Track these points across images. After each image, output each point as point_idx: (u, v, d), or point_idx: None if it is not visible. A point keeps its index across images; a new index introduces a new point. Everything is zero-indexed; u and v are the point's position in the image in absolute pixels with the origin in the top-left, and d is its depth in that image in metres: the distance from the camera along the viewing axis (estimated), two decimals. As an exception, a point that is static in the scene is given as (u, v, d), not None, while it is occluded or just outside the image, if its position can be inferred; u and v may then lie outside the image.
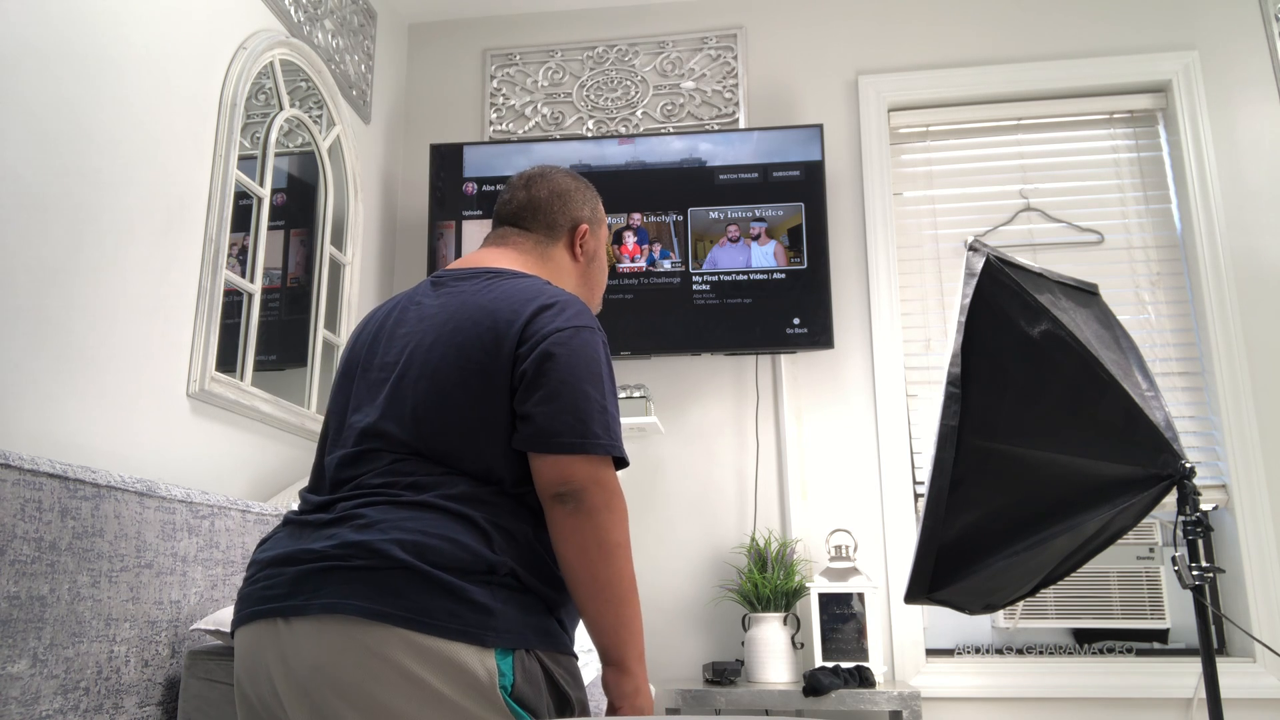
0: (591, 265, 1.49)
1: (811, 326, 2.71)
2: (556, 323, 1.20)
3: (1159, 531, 2.63)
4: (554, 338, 1.18)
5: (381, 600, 1.03)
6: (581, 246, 1.46)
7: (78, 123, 1.70)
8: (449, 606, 1.04)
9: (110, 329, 1.77)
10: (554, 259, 1.44)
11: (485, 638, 1.05)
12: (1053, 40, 2.96)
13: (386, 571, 1.05)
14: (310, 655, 1.04)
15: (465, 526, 1.10)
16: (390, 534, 1.07)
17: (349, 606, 1.03)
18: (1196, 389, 2.71)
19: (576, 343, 1.19)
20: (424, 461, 1.16)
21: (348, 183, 2.75)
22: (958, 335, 1.67)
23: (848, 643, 2.44)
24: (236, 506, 1.87)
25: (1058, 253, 2.85)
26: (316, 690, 1.03)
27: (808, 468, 2.78)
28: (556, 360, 1.17)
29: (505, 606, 1.08)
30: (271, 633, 1.08)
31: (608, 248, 1.55)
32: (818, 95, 3.04)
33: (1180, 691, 2.47)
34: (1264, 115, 2.81)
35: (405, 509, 1.11)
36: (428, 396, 1.18)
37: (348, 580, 1.05)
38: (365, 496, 1.14)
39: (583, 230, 1.46)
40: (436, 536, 1.08)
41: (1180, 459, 1.61)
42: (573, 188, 1.48)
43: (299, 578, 1.08)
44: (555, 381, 1.16)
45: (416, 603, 1.04)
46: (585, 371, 1.18)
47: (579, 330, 1.21)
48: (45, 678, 1.36)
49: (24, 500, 1.33)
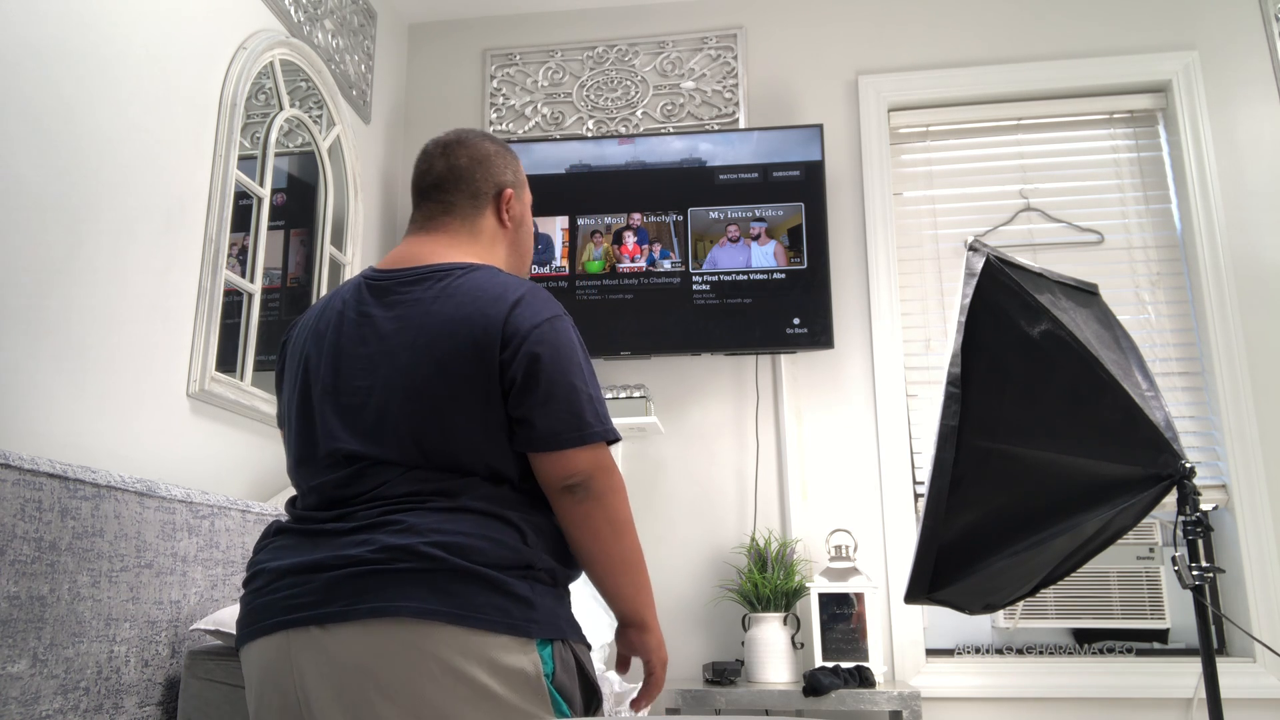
0: (520, 231, 1.46)
1: (811, 326, 2.71)
2: (531, 319, 1.21)
3: (1159, 531, 2.63)
4: (533, 336, 1.20)
5: (431, 599, 1.06)
6: (508, 212, 1.42)
7: (77, 123, 1.70)
8: (495, 601, 1.09)
9: (110, 329, 1.77)
10: (483, 231, 1.40)
11: (530, 629, 1.10)
12: (1052, 40, 2.96)
13: (433, 573, 1.08)
14: (355, 658, 1.04)
15: (501, 525, 1.15)
16: (431, 537, 1.10)
17: (400, 609, 1.05)
18: (1196, 389, 2.71)
19: (554, 336, 1.21)
20: (437, 471, 1.18)
21: (348, 183, 2.75)
22: (958, 335, 1.67)
23: (848, 643, 2.44)
24: (236, 506, 1.87)
25: (1058, 253, 2.85)
26: (358, 691, 1.04)
27: (808, 468, 2.78)
28: (542, 360, 1.19)
29: (542, 599, 1.14)
30: (304, 641, 1.07)
31: (529, 212, 1.51)
32: (817, 95, 3.04)
33: (1180, 691, 2.47)
34: (1264, 115, 2.81)
35: (440, 514, 1.13)
36: (423, 419, 1.18)
37: (393, 583, 1.07)
38: (393, 504, 1.15)
39: (508, 195, 1.42)
40: (477, 537, 1.11)
41: (1180, 459, 1.61)
42: (493, 151, 1.43)
43: (333, 584, 1.08)
44: (545, 382, 1.18)
45: (464, 600, 1.07)
46: (568, 364, 1.21)
47: (552, 321, 1.23)
48: (45, 678, 1.36)
49: (24, 500, 1.33)
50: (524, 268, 1.50)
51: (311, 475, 1.23)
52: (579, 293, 2.82)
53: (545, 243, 2.88)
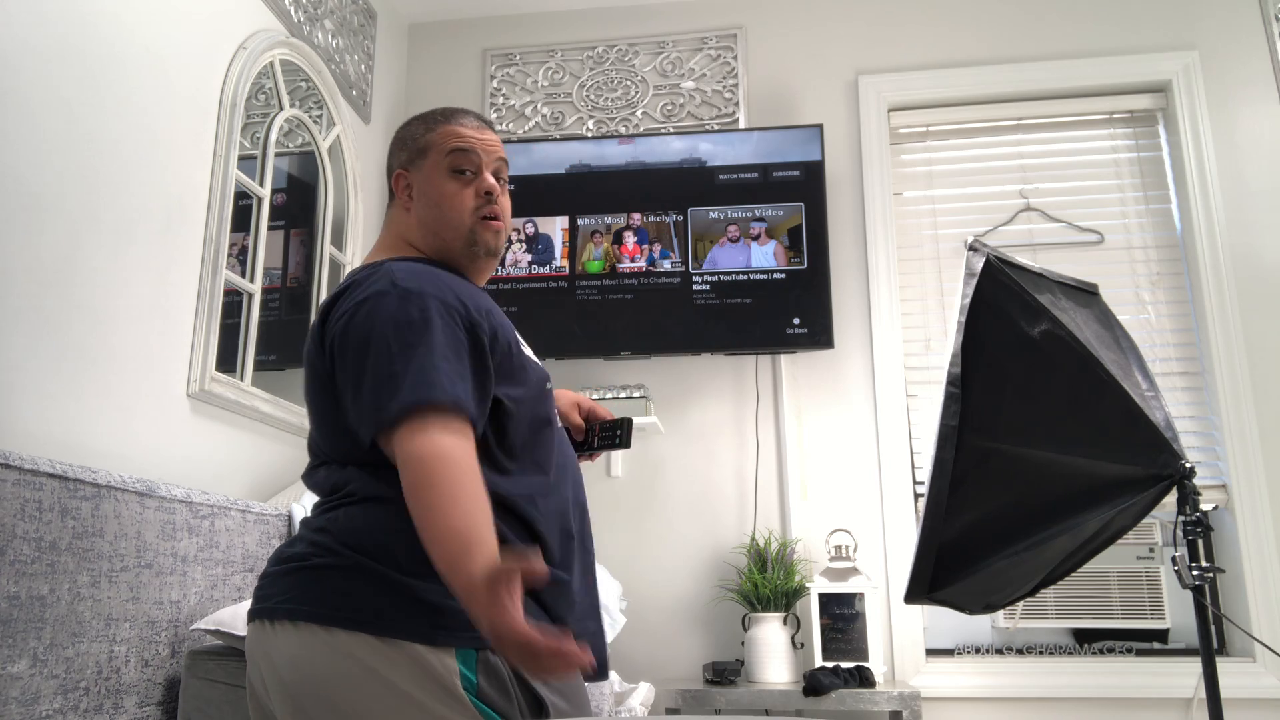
0: (421, 204, 1.29)
1: (811, 326, 2.71)
2: (342, 308, 1.15)
3: (1159, 531, 2.63)
4: (333, 330, 1.15)
5: (335, 604, 1.05)
6: (407, 192, 1.31)
7: (78, 123, 1.70)
8: (399, 605, 1.04)
9: (110, 329, 1.77)
10: (392, 223, 1.33)
11: (435, 636, 1.03)
12: (1053, 40, 2.96)
13: (338, 571, 1.07)
14: (289, 656, 1.06)
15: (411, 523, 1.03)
16: (341, 533, 1.09)
17: (307, 613, 1.06)
18: (1196, 389, 2.71)
19: (356, 317, 1.12)
20: (348, 466, 1.16)
21: (348, 182, 2.75)
22: (958, 335, 1.67)
23: (848, 643, 2.44)
24: (236, 506, 1.87)
25: (1058, 253, 2.85)
26: (298, 689, 1.05)
27: (808, 468, 2.77)
28: (339, 353, 1.13)
29: (457, 603, 0.98)
30: (259, 634, 1.11)
31: (445, 172, 1.30)
32: (817, 95, 3.04)
33: (1180, 691, 2.47)
34: (1264, 115, 2.81)
35: (353, 506, 1.12)
36: (316, 425, 1.21)
37: (304, 583, 1.08)
38: (322, 502, 1.18)
39: (400, 178, 1.32)
40: (387, 531, 1.07)
41: (1180, 459, 1.61)
42: (396, 138, 1.35)
43: (269, 579, 1.13)
44: (343, 375, 1.12)
45: (368, 605, 1.04)
46: (365, 345, 1.10)
47: (362, 304, 1.13)
48: (45, 678, 1.36)
49: (24, 500, 1.33)
50: (449, 243, 1.28)
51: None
52: (579, 293, 2.82)
53: (545, 243, 2.88)
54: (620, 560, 2.73)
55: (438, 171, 1.29)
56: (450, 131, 1.30)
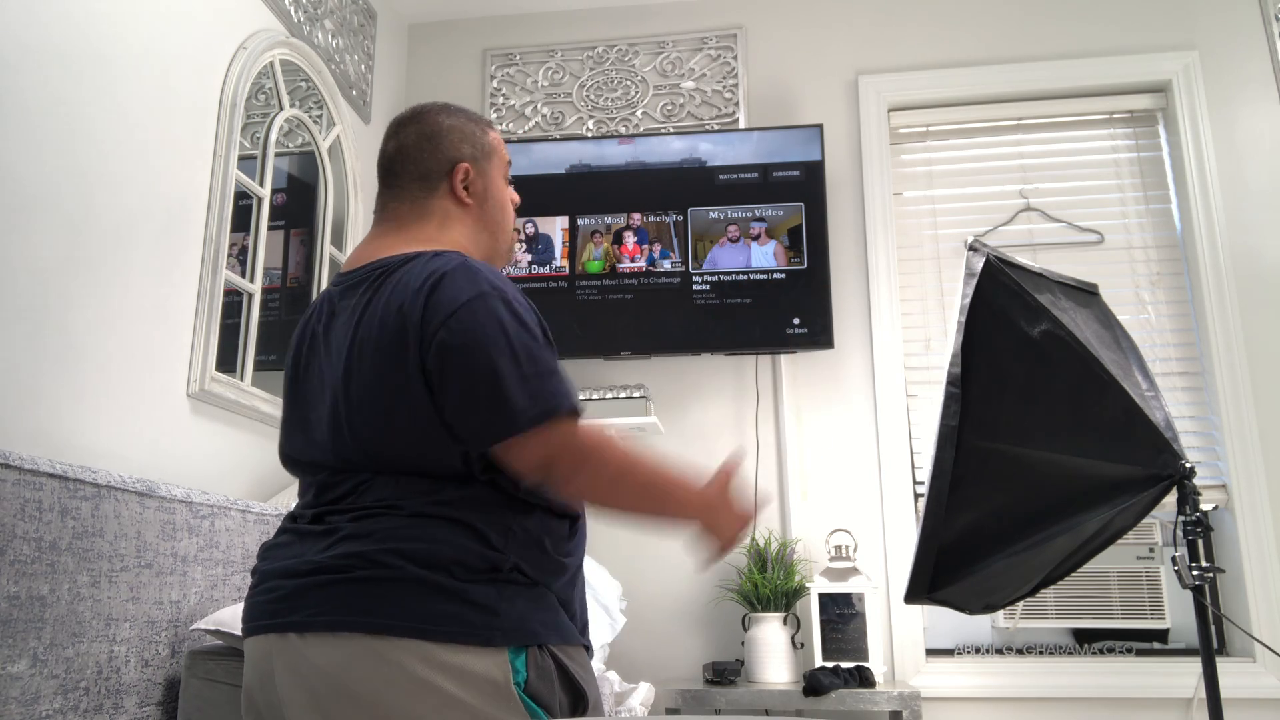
0: (485, 206, 1.32)
1: (811, 326, 2.71)
2: (447, 306, 1.11)
3: (1159, 531, 2.63)
4: (446, 325, 1.10)
5: (386, 613, 1.04)
6: (467, 189, 1.30)
7: (77, 123, 1.70)
8: (453, 611, 1.05)
9: (110, 329, 1.77)
10: (435, 214, 1.29)
11: (492, 638, 1.05)
12: (1052, 40, 2.96)
13: (389, 583, 1.05)
14: (326, 667, 1.04)
15: (461, 530, 1.10)
16: (389, 544, 1.07)
17: (353, 624, 1.04)
18: (1196, 389, 2.71)
19: (471, 319, 1.10)
20: (397, 476, 1.14)
21: (348, 182, 2.75)
22: (958, 335, 1.67)
23: (848, 643, 2.44)
24: (236, 506, 1.87)
25: (1058, 253, 2.85)
26: (331, 701, 1.03)
27: (808, 468, 2.77)
28: (453, 352, 1.09)
29: (512, 603, 1.08)
30: (281, 645, 1.08)
31: (504, 179, 1.37)
32: (817, 95, 3.04)
33: (1180, 691, 2.47)
34: (1264, 115, 2.81)
35: (401, 519, 1.10)
36: (372, 429, 1.14)
37: (350, 594, 1.06)
38: (360, 511, 1.13)
39: (461, 170, 1.30)
40: (436, 541, 1.08)
41: (1180, 459, 1.61)
42: (446, 126, 1.31)
43: (298, 592, 1.08)
44: (460, 376, 1.09)
45: (420, 611, 1.04)
46: (488, 347, 1.09)
47: (471, 304, 1.11)
48: (45, 678, 1.36)
49: (24, 500, 1.33)
50: (500, 246, 1.36)
51: (302, 477, 1.27)
52: (579, 293, 2.82)
53: (545, 243, 2.88)
54: (620, 560, 2.73)
55: (501, 176, 1.37)
56: (500, 139, 1.39)
